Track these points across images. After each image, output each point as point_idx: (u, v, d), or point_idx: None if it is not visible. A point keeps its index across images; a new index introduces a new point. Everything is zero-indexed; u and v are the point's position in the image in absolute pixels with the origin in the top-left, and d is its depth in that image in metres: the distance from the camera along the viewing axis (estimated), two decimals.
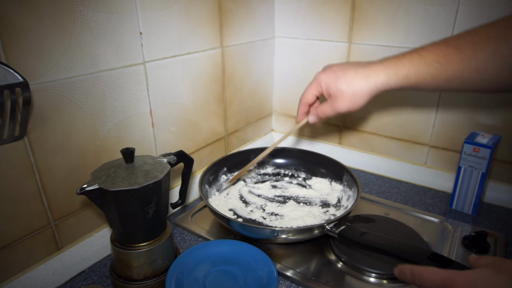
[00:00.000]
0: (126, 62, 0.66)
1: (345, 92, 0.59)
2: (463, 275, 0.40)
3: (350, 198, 0.78)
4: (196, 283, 0.59)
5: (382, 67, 0.58)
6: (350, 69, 0.60)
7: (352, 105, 0.60)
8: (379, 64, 0.59)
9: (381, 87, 0.58)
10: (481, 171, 0.76)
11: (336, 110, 0.62)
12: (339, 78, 0.60)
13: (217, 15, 0.83)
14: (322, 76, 0.63)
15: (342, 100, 0.60)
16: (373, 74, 0.58)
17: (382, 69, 0.58)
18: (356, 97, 0.59)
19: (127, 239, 0.59)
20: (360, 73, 0.59)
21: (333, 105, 0.62)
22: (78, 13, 0.57)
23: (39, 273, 0.60)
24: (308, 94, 0.66)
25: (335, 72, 0.61)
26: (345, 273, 0.64)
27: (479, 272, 0.39)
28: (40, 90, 0.55)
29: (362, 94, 0.59)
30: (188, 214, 0.80)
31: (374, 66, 0.59)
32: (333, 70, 0.62)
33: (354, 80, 0.59)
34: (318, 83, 0.64)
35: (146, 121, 0.72)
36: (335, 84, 0.61)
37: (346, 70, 0.60)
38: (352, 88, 0.59)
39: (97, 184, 0.53)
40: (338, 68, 0.62)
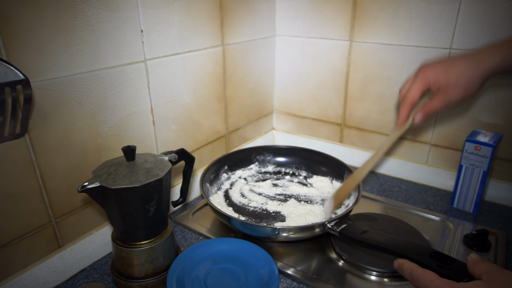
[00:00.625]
0: (127, 60, 0.66)
1: (458, 81, 0.57)
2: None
3: (351, 197, 0.77)
4: (197, 281, 0.59)
5: (493, 51, 0.57)
6: (458, 59, 0.59)
7: (466, 93, 0.58)
8: (488, 49, 0.57)
9: (495, 70, 0.57)
10: (483, 169, 0.76)
11: (449, 101, 0.59)
12: (449, 68, 0.58)
13: (218, 13, 0.82)
14: (428, 71, 0.60)
15: (455, 90, 0.58)
16: (485, 58, 0.57)
17: (495, 53, 0.57)
18: (470, 84, 0.57)
19: (128, 237, 0.59)
20: (470, 60, 0.57)
21: (445, 97, 0.59)
22: (79, 10, 0.56)
23: (40, 271, 0.60)
24: (414, 92, 0.61)
25: (441, 64, 0.60)
26: (346, 271, 0.64)
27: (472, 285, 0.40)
28: (41, 87, 0.54)
29: (476, 80, 0.57)
30: (189, 212, 0.80)
31: (482, 52, 0.58)
32: (437, 63, 0.60)
33: (466, 67, 0.57)
34: (424, 78, 0.60)
35: (147, 119, 0.72)
36: (445, 75, 0.58)
37: (454, 60, 0.59)
38: (465, 75, 0.57)
39: (98, 182, 0.53)
40: (442, 61, 0.60)
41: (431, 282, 0.43)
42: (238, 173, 0.90)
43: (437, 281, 0.42)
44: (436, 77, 0.59)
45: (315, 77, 1.02)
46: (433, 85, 0.60)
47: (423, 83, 0.60)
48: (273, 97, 1.12)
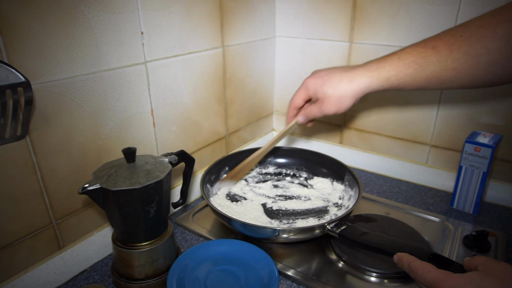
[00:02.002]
0: (128, 61, 0.66)
1: (331, 96, 0.63)
2: (453, 278, 0.42)
3: (351, 198, 0.78)
4: (197, 282, 0.59)
5: (365, 71, 0.61)
6: (336, 74, 0.63)
7: (338, 107, 0.64)
8: (362, 68, 0.62)
9: (365, 90, 0.62)
10: (482, 170, 0.76)
11: (323, 112, 0.65)
12: (325, 82, 0.64)
13: (218, 15, 0.83)
14: (310, 81, 0.66)
15: (328, 103, 0.64)
16: (356, 78, 0.61)
17: (365, 73, 0.61)
18: (341, 100, 0.63)
19: (129, 238, 0.59)
20: (345, 77, 0.62)
21: (321, 107, 0.65)
22: (80, 12, 0.57)
23: (41, 272, 0.60)
24: (297, 98, 0.69)
25: (321, 77, 0.65)
26: (346, 272, 0.64)
27: (468, 276, 0.42)
28: (42, 89, 0.55)
29: (347, 97, 0.62)
30: (189, 214, 0.80)
31: (357, 70, 0.62)
32: (320, 75, 0.65)
33: (339, 84, 0.62)
34: (306, 88, 0.67)
35: (147, 121, 0.73)
36: (321, 88, 0.64)
37: (332, 75, 0.64)
38: (337, 92, 0.62)
39: (99, 184, 0.53)
40: (324, 73, 0.65)
41: (428, 273, 0.44)
42: None
43: (434, 272, 0.44)
44: (314, 88, 0.65)
45: None
46: (312, 95, 0.67)
47: (304, 92, 0.68)
48: (273, 98, 1.13)
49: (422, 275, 0.45)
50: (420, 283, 0.46)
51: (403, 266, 0.49)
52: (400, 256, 0.50)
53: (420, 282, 0.45)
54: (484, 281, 0.40)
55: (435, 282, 0.43)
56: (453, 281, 0.41)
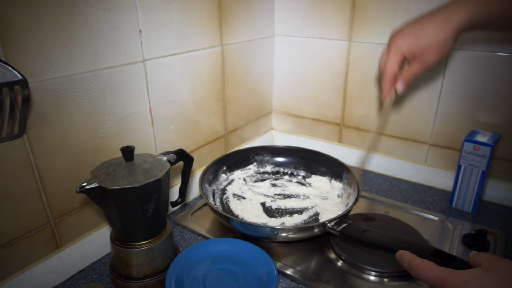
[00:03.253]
0: (126, 60, 0.65)
1: (432, 45, 0.57)
2: (456, 275, 0.41)
3: (351, 196, 0.78)
4: (196, 281, 0.59)
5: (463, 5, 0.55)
6: (427, 20, 0.57)
7: (441, 54, 0.58)
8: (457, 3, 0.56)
9: (465, 26, 0.55)
10: (481, 169, 0.76)
11: (426, 65, 0.59)
12: (419, 33, 0.58)
13: (217, 13, 0.82)
14: (399, 41, 0.60)
15: (430, 54, 0.58)
16: (453, 14, 0.55)
17: (463, 8, 0.55)
18: (443, 45, 0.57)
19: (127, 237, 0.59)
20: (439, 18, 0.56)
21: (422, 62, 0.59)
22: (78, 10, 0.56)
23: (39, 271, 0.60)
24: (391, 65, 0.61)
25: (410, 31, 0.59)
26: (345, 271, 0.64)
27: (471, 272, 0.41)
28: (39, 88, 0.54)
29: (449, 39, 0.56)
30: (188, 213, 0.80)
31: (451, 7, 0.56)
32: (407, 31, 0.59)
33: (435, 28, 0.56)
34: (398, 49, 0.60)
35: (146, 119, 0.72)
36: (417, 41, 0.58)
37: (423, 22, 0.58)
38: (438, 38, 0.56)
39: (97, 183, 0.53)
40: (411, 26, 0.59)
41: (430, 271, 0.44)
42: (237, 174, 0.90)
43: (436, 270, 0.44)
44: (408, 45, 0.59)
45: (314, 77, 1.02)
46: (407, 53, 0.60)
47: (398, 54, 0.60)
48: (272, 97, 1.12)
49: (423, 273, 0.45)
50: (422, 281, 0.45)
51: (403, 263, 0.49)
52: (401, 253, 0.49)
53: (422, 280, 0.45)
54: (486, 278, 0.40)
55: (437, 280, 0.43)
56: (456, 278, 0.41)
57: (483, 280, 0.40)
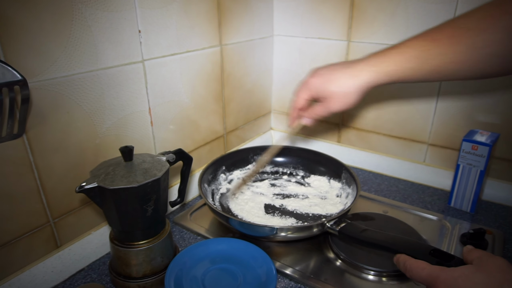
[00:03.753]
0: (125, 60, 0.66)
1: (336, 93, 0.61)
2: (446, 273, 0.43)
3: (349, 196, 0.78)
4: (195, 281, 0.59)
5: (367, 65, 0.60)
6: (338, 71, 0.62)
7: (344, 104, 0.62)
8: (363, 63, 0.60)
9: (369, 84, 0.60)
10: (480, 169, 0.76)
11: (329, 110, 0.64)
12: (328, 80, 0.62)
13: (216, 13, 0.83)
14: (312, 81, 0.64)
15: (334, 101, 0.62)
16: (359, 73, 0.60)
17: (367, 68, 0.59)
18: (347, 97, 0.61)
19: (126, 237, 0.59)
20: (348, 73, 0.61)
21: (326, 106, 0.64)
22: (77, 11, 0.57)
23: (38, 271, 0.60)
24: (299, 99, 0.67)
25: (323, 75, 0.63)
26: (344, 270, 0.64)
27: (461, 269, 0.43)
28: (39, 88, 0.55)
29: (352, 93, 0.60)
30: (187, 213, 0.80)
31: (359, 65, 0.60)
32: (321, 73, 0.64)
33: (343, 81, 0.61)
34: (308, 88, 0.65)
35: (145, 120, 0.72)
36: (325, 87, 0.62)
37: (334, 72, 0.62)
38: (342, 89, 0.61)
39: (96, 182, 0.53)
40: (326, 71, 0.64)
41: (423, 270, 0.46)
42: (236, 174, 0.90)
43: (428, 268, 0.45)
44: (318, 88, 0.64)
45: None
46: (315, 95, 0.65)
47: (309, 92, 0.65)
48: (271, 97, 1.13)
49: (417, 272, 0.46)
50: (416, 280, 0.47)
51: (399, 266, 0.50)
52: (397, 256, 0.51)
53: (416, 279, 0.47)
54: (476, 275, 0.42)
55: (429, 278, 0.44)
56: (447, 275, 0.43)
57: (472, 277, 0.41)
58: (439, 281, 0.43)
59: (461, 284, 0.41)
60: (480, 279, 0.41)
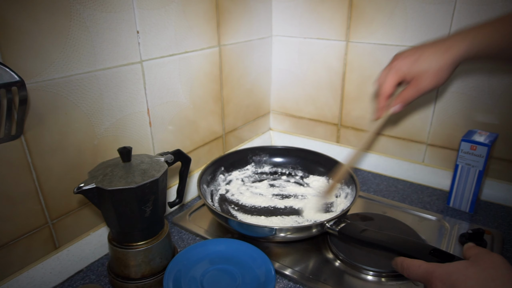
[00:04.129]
0: (123, 61, 0.66)
1: (429, 70, 0.59)
2: (441, 268, 0.44)
3: (348, 196, 0.78)
4: (193, 281, 0.59)
5: (462, 38, 0.58)
6: (427, 48, 0.60)
7: (437, 81, 0.60)
8: (457, 36, 0.58)
9: (462, 58, 0.58)
10: (478, 169, 0.76)
11: (422, 90, 0.61)
12: (418, 59, 0.60)
13: (215, 14, 0.82)
14: (399, 63, 0.62)
15: (426, 79, 0.60)
16: (453, 46, 0.58)
17: (462, 41, 0.57)
18: (440, 73, 0.59)
19: (125, 238, 0.59)
20: (439, 48, 0.59)
21: (418, 86, 0.61)
22: (75, 12, 0.56)
23: (37, 272, 0.60)
24: (387, 85, 0.63)
25: (411, 55, 0.61)
26: (343, 271, 0.64)
27: (456, 265, 0.44)
28: (37, 89, 0.54)
29: (446, 67, 0.58)
30: (186, 213, 0.80)
31: (451, 39, 0.59)
32: (408, 54, 0.62)
33: (435, 56, 0.59)
34: (396, 71, 0.62)
35: (144, 120, 0.72)
36: (415, 67, 0.60)
37: (424, 50, 0.60)
38: (435, 65, 0.58)
39: (94, 183, 0.53)
40: (412, 51, 0.62)
41: (419, 267, 0.47)
42: (235, 174, 0.90)
43: (425, 265, 0.46)
44: (407, 68, 0.61)
45: (311, 77, 1.02)
46: (405, 76, 0.62)
47: (396, 75, 0.62)
48: (270, 98, 1.13)
49: (414, 270, 0.47)
50: (414, 279, 0.47)
51: (397, 268, 0.51)
52: (395, 259, 0.52)
53: (413, 278, 0.47)
54: (470, 270, 0.42)
55: (426, 274, 0.45)
56: (442, 270, 0.44)
57: (466, 272, 0.42)
58: (434, 276, 0.44)
59: (455, 278, 0.42)
60: (473, 273, 0.42)
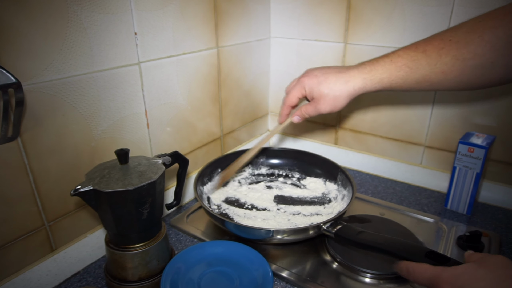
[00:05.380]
0: (121, 62, 0.65)
1: (327, 96, 0.64)
2: (448, 271, 0.44)
3: (345, 198, 0.78)
4: (191, 284, 0.59)
5: (359, 72, 0.63)
6: (331, 75, 0.64)
7: (333, 107, 0.65)
8: (356, 70, 0.63)
9: (359, 91, 0.63)
10: (476, 171, 0.77)
11: (318, 111, 0.66)
12: (321, 82, 0.65)
13: (213, 15, 0.82)
14: (306, 80, 0.67)
15: (324, 103, 0.65)
16: (351, 79, 0.63)
17: (359, 75, 0.62)
18: (336, 100, 0.64)
19: (122, 240, 0.58)
20: (340, 78, 0.63)
21: (316, 106, 0.66)
22: (72, 13, 0.56)
23: (33, 275, 0.59)
24: (292, 97, 0.69)
25: (317, 76, 0.66)
26: (340, 273, 0.64)
27: (463, 267, 0.44)
28: (34, 90, 0.54)
29: (342, 97, 0.63)
30: (183, 215, 0.80)
31: (351, 71, 0.63)
32: (315, 74, 0.66)
33: (335, 84, 0.63)
34: (302, 86, 0.67)
35: (141, 122, 0.72)
36: (317, 88, 0.65)
37: (328, 75, 0.65)
38: (333, 92, 0.63)
39: (91, 185, 0.53)
40: (320, 72, 0.66)
41: (426, 271, 0.46)
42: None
43: (431, 269, 0.46)
44: (311, 88, 0.66)
45: None
46: (308, 93, 0.67)
47: (301, 90, 0.68)
48: (268, 99, 1.13)
49: (420, 274, 0.47)
50: (420, 283, 0.47)
51: (402, 272, 0.50)
52: (399, 264, 0.51)
53: (420, 282, 0.47)
54: (479, 271, 0.42)
55: (432, 277, 0.45)
56: (449, 273, 0.44)
57: (475, 273, 0.42)
58: (441, 279, 0.44)
59: (464, 280, 0.42)
60: (482, 274, 0.42)
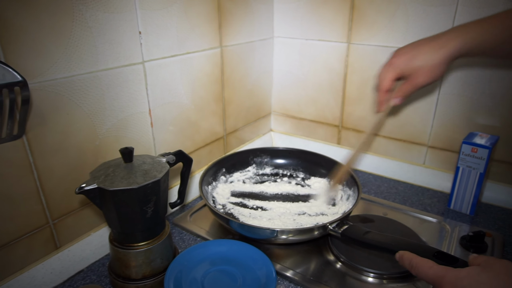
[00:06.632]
0: (125, 61, 0.66)
1: (423, 68, 0.62)
2: (452, 273, 0.43)
3: (350, 198, 0.78)
4: (194, 282, 0.59)
5: (455, 35, 0.60)
6: (423, 46, 0.62)
7: (432, 77, 0.62)
8: (450, 33, 0.61)
9: (456, 54, 0.60)
10: (479, 171, 0.76)
11: (418, 85, 0.64)
12: (414, 56, 0.63)
13: (216, 15, 0.83)
14: (396, 60, 0.65)
15: (421, 76, 0.63)
16: (447, 43, 0.60)
17: (455, 37, 0.60)
18: (434, 69, 0.62)
19: (126, 238, 0.59)
20: (434, 45, 0.61)
21: (414, 82, 0.64)
22: (77, 12, 0.57)
23: (38, 272, 0.60)
24: (385, 81, 0.67)
25: (407, 53, 0.64)
26: (344, 273, 0.64)
27: (467, 270, 0.43)
28: (39, 89, 0.54)
29: (439, 64, 0.61)
30: (187, 214, 0.80)
31: (446, 36, 0.61)
32: (405, 51, 0.64)
33: (429, 54, 0.61)
34: (393, 68, 0.65)
35: (145, 121, 0.72)
36: (411, 63, 0.63)
37: (419, 48, 0.63)
38: (430, 62, 0.61)
39: (96, 184, 0.53)
40: (409, 48, 0.64)
41: (430, 269, 0.46)
42: (236, 176, 0.90)
43: (435, 267, 0.46)
44: (405, 65, 0.64)
45: (313, 79, 1.02)
46: (403, 72, 0.65)
47: (395, 71, 0.65)
48: (271, 99, 1.13)
49: (423, 271, 0.46)
50: (422, 279, 0.47)
51: (404, 263, 0.50)
52: (401, 253, 0.51)
53: (422, 278, 0.47)
54: (482, 275, 0.42)
55: (436, 277, 0.45)
56: (452, 275, 0.43)
57: (478, 277, 0.42)
58: (445, 280, 0.43)
59: (467, 283, 0.42)
60: (485, 279, 0.41)
